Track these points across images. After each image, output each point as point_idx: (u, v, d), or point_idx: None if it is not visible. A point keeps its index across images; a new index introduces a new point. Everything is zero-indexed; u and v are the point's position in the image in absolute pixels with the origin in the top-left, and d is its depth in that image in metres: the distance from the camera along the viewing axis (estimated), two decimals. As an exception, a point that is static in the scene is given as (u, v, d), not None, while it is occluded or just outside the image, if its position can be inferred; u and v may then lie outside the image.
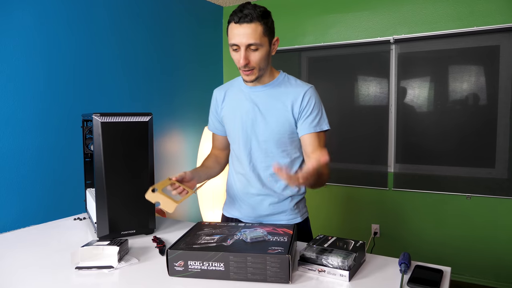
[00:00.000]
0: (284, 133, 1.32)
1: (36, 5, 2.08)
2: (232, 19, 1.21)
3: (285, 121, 1.31)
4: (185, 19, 3.17)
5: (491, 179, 2.67)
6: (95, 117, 1.23)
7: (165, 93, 3.00)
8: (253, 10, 1.19)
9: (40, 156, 2.11)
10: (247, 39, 1.19)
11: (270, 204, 1.38)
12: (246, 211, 1.42)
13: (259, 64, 1.24)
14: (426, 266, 1.03)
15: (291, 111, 1.30)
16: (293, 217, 1.40)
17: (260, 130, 1.33)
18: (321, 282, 0.96)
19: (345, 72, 3.11)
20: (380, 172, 3.01)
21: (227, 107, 1.42)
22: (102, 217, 1.25)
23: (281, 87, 1.34)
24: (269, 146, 1.33)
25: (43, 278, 0.99)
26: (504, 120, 2.60)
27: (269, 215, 1.39)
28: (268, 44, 1.25)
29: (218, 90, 1.47)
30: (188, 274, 0.97)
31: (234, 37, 1.21)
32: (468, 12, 2.66)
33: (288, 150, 1.35)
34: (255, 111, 1.33)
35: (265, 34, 1.22)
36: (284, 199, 1.38)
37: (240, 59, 1.22)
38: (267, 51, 1.25)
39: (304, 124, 1.30)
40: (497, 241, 2.69)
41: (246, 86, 1.37)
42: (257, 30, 1.19)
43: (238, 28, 1.20)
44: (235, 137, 1.39)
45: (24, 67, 2.03)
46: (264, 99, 1.34)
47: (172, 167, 3.07)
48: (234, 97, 1.40)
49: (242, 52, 1.21)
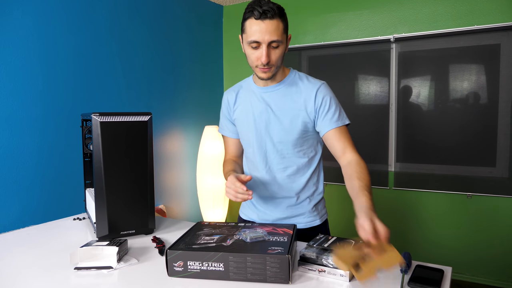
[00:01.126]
0: (299, 133, 1.28)
1: (36, 5, 2.07)
2: (251, 15, 1.16)
3: (300, 120, 1.27)
4: (185, 18, 3.16)
5: (492, 178, 2.66)
6: (94, 116, 1.22)
7: (165, 92, 3.00)
8: (273, 6, 1.15)
9: (40, 156, 2.11)
10: (270, 36, 1.15)
11: (288, 207, 1.35)
12: (263, 214, 1.38)
13: (278, 61, 1.22)
14: (427, 265, 1.02)
15: (305, 110, 1.27)
16: (312, 220, 1.36)
17: (274, 131, 1.29)
18: (321, 282, 0.95)
19: (346, 71, 3.10)
20: (380, 171, 3.01)
21: (240, 109, 1.37)
22: (102, 217, 1.24)
23: (292, 85, 1.30)
24: (285, 147, 1.30)
25: (42, 278, 0.99)
26: (505, 119, 2.59)
27: (286, 218, 1.36)
28: (286, 42, 1.23)
29: (229, 93, 1.42)
30: (188, 275, 0.97)
31: (255, 34, 1.16)
32: (468, 10, 2.66)
33: (304, 149, 1.32)
34: (268, 112, 1.30)
35: (284, 31, 1.20)
36: (302, 201, 1.35)
37: (262, 57, 1.17)
38: (285, 49, 1.23)
39: (324, 121, 1.26)
40: (498, 240, 2.68)
41: (256, 86, 1.34)
42: (279, 27, 1.16)
43: (260, 24, 1.15)
44: (249, 140, 1.35)
45: (24, 67, 2.03)
46: (277, 99, 1.30)
47: (172, 166, 3.06)
48: (245, 98, 1.36)
49: (264, 49, 1.17)
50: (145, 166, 1.31)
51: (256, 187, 1.37)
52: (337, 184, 3.18)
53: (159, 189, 2.94)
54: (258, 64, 1.21)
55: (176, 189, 3.10)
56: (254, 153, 1.34)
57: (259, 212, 1.39)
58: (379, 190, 3.03)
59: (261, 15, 1.14)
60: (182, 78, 3.16)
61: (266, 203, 1.37)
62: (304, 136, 1.29)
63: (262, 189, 1.36)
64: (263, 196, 1.37)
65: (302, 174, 1.34)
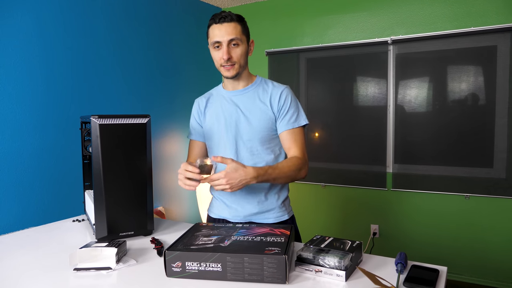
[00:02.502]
0: (267, 131, 1.39)
1: (35, 8, 2.09)
2: (212, 22, 1.34)
3: (267, 118, 1.39)
4: (184, 21, 3.18)
5: (489, 179, 2.67)
6: (93, 119, 1.23)
7: (164, 94, 3.01)
8: (231, 13, 1.34)
9: (39, 158, 2.12)
10: (228, 35, 1.32)
11: (258, 203, 1.42)
12: (235, 211, 1.44)
13: (240, 59, 1.35)
14: (422, 265, 1.03)
15: (271, 109, 1.40)
16: (281, 215, 1.44)
17: (244, 129, 1.40)
18: (318, 283, 0.96)
19: (344, 73, 3.12)
20: (378, 173, 3.02)
21: (210, 113, 1.48)
22: (101, 218, 1.25)
23: (259, 88, 1.44)
24: (254, 145, 1.40)
25: (42, 279, 1.00)
26: (502, 120, 2.61)
27: (257, 214, 1.42)
28: (246, 43, 1.38)
29: (200, 99, 1.56)
30: (186, 275, 0.98)
31: (216, 36, 1.33)
32: (465, 12, 2.68)
33: (272, 146, 1.42)
34: (238, 112, 1.41)
35: (243, 32, 1.36)
36: (271, 197, 1.43)
37: (223, 55, 1.32)
38: (246, 49, 1.38)
39: (282, 122, 1.39)
40: (495, 241, 2.69)
41: (226, 91, 1.46)
42: (236, 28, 1.33)
43: (219, 27, 1.32)
44: (220, 139, 1.44)
45: (23, 69, 2.04)
46: (245, 100, 1.42)
47: (171, 169, 3.07)
48: (216, 103, 1.48)
49: (224, 48, 1.33)
50: (144, 168, 1.32)
51: None
52: (336, 185, 3.19)
53: (158, 191, 2.95)
54: (222, 63, 1.35)
55: (174, 190, 3.11)
56: (225, 150, 1.43)
57: (230, 210, 1.45)
58: (377, 191, 3.05)
59: (219, 19, 1.32)
60: (180, 80, 3.17)
61: (237, 200, 1.43)
62: (271, 133, 1.41)
63: None
64: (234, 194, 1.43)
65: None
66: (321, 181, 3.22)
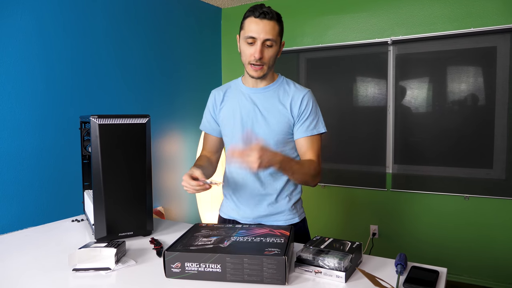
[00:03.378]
0: (284, 133, 1.35)
1: (35, 7, 2.08)
2: (251, 14, 1.27)
3: (285, 121, 1.34)
4: (183, 21, 3.17)
5: (489, 179, 2.67)
6: (93, 119, 1.23)
7: (164, 94, 3.01)
8: (272, 10, 1.28)
9: (38, 158, 2.12)
10: (265, 34, 1.25)
11: (268, 205, 1.39)
12: (244, 212, 1.42)
13: (270, 61, 1.30)
14: (422, 266, 1.03)
15: (290, 112, 1.34)
16: (291, 217, 1.41)
17: (260, 130, 1.35)
18: (318, 283, 0.96)
19: (343, 73, 3.12)
20: (378, 173, 3.02)
21: (227, 108, 1.42)
22: (100, 218, 1.25)
23: (280, 89, 1.38)
24: (269, 146, 1.34)
25: (41, 280, 1.00)
26: (502, 121, 2.61)
27: (267, 216, 1.40)
28: (279, 44, 1.32)
29: (217, 91, 1.48)
30: (185, 276, 0.98)
31: (253, 31, 1.26)
32: (465, 13, 2.67)
33: (286, 150, 1.37)
34: (256, 111, 1.36)
35: (279, 34, 1.30)
36: (282, 199, 1.40)
37: (256, 53, 1.26)
38: (277, 51, 1.32)
39: (301, 128, 1.34)
40: (495, 241, 2.69)
41: (246, 87, 1.40)
42: (275, 28, 1.27)
43: (258, 23, 1.25)
44: (234, 136, 1.40)
45: (23, 68, 2.04)
46: (264, 100, 1.37)
47: (170, 169, 3.07)
48: (233, 98, 1.42)
49: (258, 45, 1.26)
50: (143, 168, 1.32)
51: (239, 185, 1.42)
52: (336, 186, 3.19)
53: (157, 191, 2.95)
54: (251, 60, 1.28)
55: (174, 191, 3.11)
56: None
57: (239, 211, 1.43)
58: (377, 192, 3.04)
59: (260, 14, 1.25)
60: (180, 80, 3.17)
61: (247, 201, 1.41)
62: (287, 137, 1.36)
63: (244, 187, 1.41)
64: (244, 194, 1.41)
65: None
66: (321, 182, 3.22)
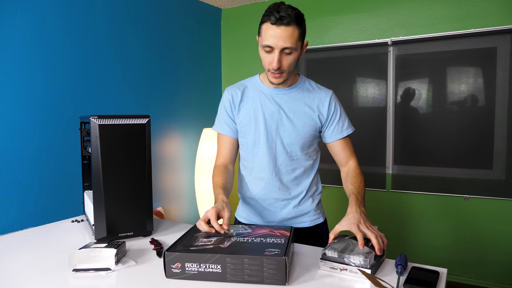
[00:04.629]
0: (310, 136, 1.33)
1: (35, 7, 2.08)
2: (268, 19, 1.16)
3: (312, 124, 1.31)
4: (183, 21, 3.18)
5: (489, 180, 2.67)
6: (93, 119, 1.23)
7: (164, 95, 3.01)
8: (291, 12, 1.15)
9: (38, 158, 2.11)
10: (283, 42, 1.16)
11: (294, 207, 1.37)
12: (268, 216, 1.39)
13: (290, 67, 1.23)
14: (422, 267, 1.03)
15: (317, 115, 1.31)
16: (316, 218, 1.40)
17: (286, 133, 1.31)
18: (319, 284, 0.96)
19: (343, 74, 3.12)
20: (378, 174, 3.02)
21: (246, 108, 1.34)
22: (100, 219, 1.25)
23: (304, 90, 1.34)
24: (294, 150, 1.32)
25: (41, 280, 0.99)
26: (502, 122, 2.61)
27: (293, 218, 1.38)
28: (300, 48, 1.23)
29: (234, 89, 1.38)
30: (185, 276, 0.97)
31: (269, 39, 1.17)
32: (465, 14, 2.68)
33: (310, 152, 1.36)
34: (281, 113, 1.31)
35: (300, 38, 1.20)
36: (306, 201, 1.38)
37: (274, 62, 1.19)
38: (298, 56, 1.24)
39: (334, 130, 1.33)
40: (495, 242, 2.69)
41: (267, 87, 1.34)
42: (294, 34, 1.17)
43: (274, 30, 1.15)
44: (256, 140, 1.33)
45: (22, 69, 2.04)
46: (289, 102, 1.32)
47: (170, 169, 3.07)
48: (253, 98, 1.34)
49: (276, 54, 1.18)
50: (143, 169, 1.32)
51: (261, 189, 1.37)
52: (334, 186, 3.19)
53: (157, 191, 2.95)
54: (270, 69, 1.22)
55: (174, 191, 3.10)
56: (263, 153, 1.33)
57: (263, 215, 1.39)
58: (377, 192, 3.04)
59: (277, 20, 1.14)
60: (180, 80, 3.17)
61: (272, 206, 1.38)
62: (312, 140, 1.34)
63: (268, 191, 1.36)
64: (269, 198, 1.37)
65: (307, 175, 1.38)
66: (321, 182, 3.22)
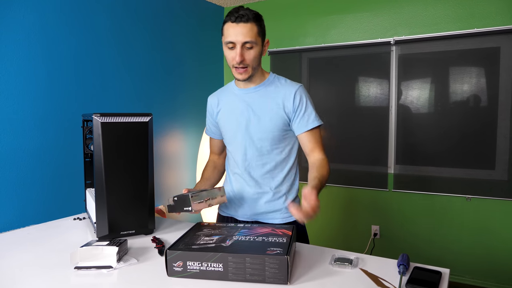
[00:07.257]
0: (278, 131, 1.37)
1: (37, 5, 2.08)
2: (228, 19, 1.29)
3: (278, 119, 1.36)
4: (186, 20, 3.17)
5: (491, 180, 2.67)
6: (95, 117, 1.23)
7: (166, 93, 3.00)
8: (249, 12, 1.28)
9: (40, 156, 2.12)
10: (243, 37, 1.26)
11: (265, 202, 1.41)
12: (242, 209, 1.45)
13: (253, 62, 1.31)
14: (424, 267, 1.03)
15: (283, 109, 1.36)
16: (288, 215, 1.43)
17: (254, 129, 1.38)
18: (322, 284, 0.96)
19: (346, 73, 3.11)
20: (380, 173, 3.01)
21: (222, 111, 1.47)
22: (102, 217, 1.25)
23: (271, 86, 1.40)
24: (264, 145, 1.38)
25: (42, 278, 1.00)
26: (504, 122, 2.60)
27: (264, 213, 1.43)
28: (261, 44, 1.33)
29: (212, 97, 1.53)
30: (187, 275, 0.97)
31: (231, 35, 1.28)
32: (468, 14, 2.67)
33: (281, 147, 1.40)
34: (249, 111, 1.39)
35: (259, 34, 1.31)
36: (280, 197, 1.42)
37: (236, 56, 1.28)
38: (260, 51, 1.33)
39: (300, 123, 1.36)
40: (497, 243, 2.69)
41: (238, 89, 1.43)
42: (252, 30, 1.28)
43: (235, 27, 1.27)
44: (231, 138, 1.44)
45: (25, 67, 2.04)
46: (257, 99, 1.39)
47: (172, 167, 3.07)
48: (228, 101, 1.46)
49: (238, 49, 1.28)
50: (145, 167, 1.32)
51: (237, 183, 1.45)
52: (337, 186, 3.18)
53: (159, 190, 2.95)
54: (234, 64, 1.31)
55: (176, 189, 3.10)
56: (235, 150, 1.43)
57: (238, 208, 1.46)
58: (378, 192, 3.04)
59: (236, 18, 1.27)
60: (182, 79, 3.17)
61: (245, 199, 1.44)
62: (282, 134, 1.38)
63: (242, 185, 1.44)
64: (242, 192, 1.44)
65: (280, 170, 1.42)
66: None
